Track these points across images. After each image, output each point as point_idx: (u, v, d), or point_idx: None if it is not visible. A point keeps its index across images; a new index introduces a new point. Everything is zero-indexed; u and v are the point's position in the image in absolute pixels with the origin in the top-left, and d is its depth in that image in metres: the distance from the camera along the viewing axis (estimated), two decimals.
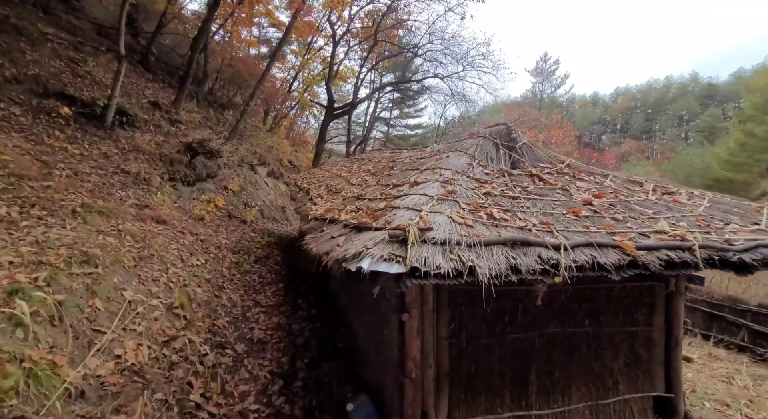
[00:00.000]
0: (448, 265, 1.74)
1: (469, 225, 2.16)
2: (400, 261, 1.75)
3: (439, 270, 1.73)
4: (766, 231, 2.50)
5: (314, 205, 4.78)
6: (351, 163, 8.45)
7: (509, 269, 1.80)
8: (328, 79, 16.22)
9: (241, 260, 7.04)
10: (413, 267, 1.70)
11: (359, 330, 4.26)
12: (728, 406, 4.33)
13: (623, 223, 2.43)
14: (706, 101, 53.82)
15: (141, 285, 4.16)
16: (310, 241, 2.84)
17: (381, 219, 2.40)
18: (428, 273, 1.71)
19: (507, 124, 4.13)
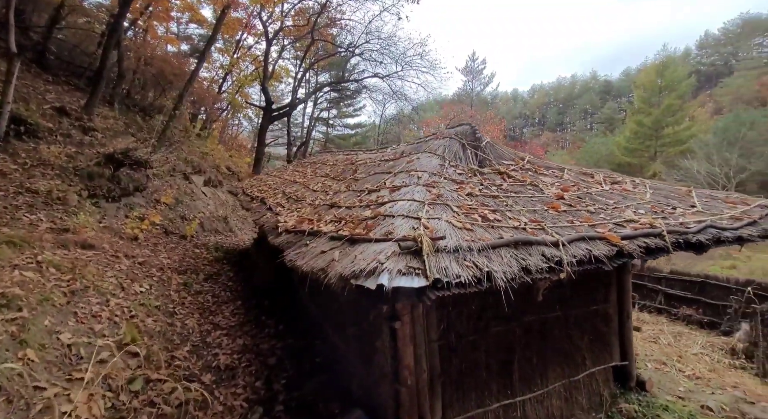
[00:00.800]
0: (466, 273, 1.73)
1: (468, 229, 2.17)
2: (419, 274, 1.69)
3: (459, 278, 1.71)
4: (704, 212, 2.89)
5: (277, 215, 4.50)
6: (303, 167, 8.14)
7: (521, 270, 1.84)
8: (264, 79, 15.43)
9: (190, 280, 6.42)
10: (435, 279, 1.65)
11: (339, 343, 4.11)
12: (665, 364, 4.97)
13: (596, 215, 2.65)
14: (604, 96, 61.28)
15: (80, 323, 3.58)
16: (296, 257, 2.65)
17: (376, 229, 2.32)
18: (450, 283, 1.68)
19: (470, 124, 4.26)
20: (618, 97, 59.28)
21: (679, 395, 4.04)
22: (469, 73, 28.59)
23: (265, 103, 15.93)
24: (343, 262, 2.12)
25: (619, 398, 3.89)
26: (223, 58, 20.35)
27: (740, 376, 4.86)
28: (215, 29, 11.31)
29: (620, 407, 3.77)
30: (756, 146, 27.60)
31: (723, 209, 2.96)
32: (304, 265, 2.46)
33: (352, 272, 1.89)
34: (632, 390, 4.05)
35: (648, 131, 34.48)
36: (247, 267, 7.81)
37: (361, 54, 16.68)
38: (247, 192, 7.39)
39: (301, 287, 5.65)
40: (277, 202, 5.34)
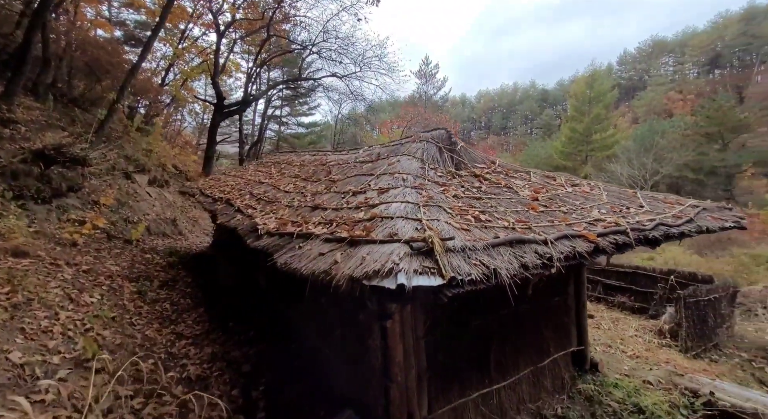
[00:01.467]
0: (476, 271, 1.86)
1: (466, 229, 2.32)
2: (435, 273, 1.79)
3: (471, 276, 1.84)
4: (651, 211, 3.33)
5: (251, 218, 4.36)
6: (265, 167, 7.89)
7: (521, 267, 2.02)
8: (214, 73, 14.61)
9: (144, 288, 5.96)
10: (451, 277, 1.76)
11: (320, 345, 4.09)
12: (610, 346, 5.58)
13: (569, 214, 2.94)
14: (542, 104, 66.20)
15: (29, 340, 3.22)
16: (291, 260, 2.62)
17: (377, 231, 2.38)
18: (463, 281, 1.80)
19: (446, 129, 4.46)
20: (554, 105, 64.33)
21: (624, 373, 4.57)
22: (422, 77, 29.43)
23: (216, 98, 15.10)
24: (350, 264, 2.15)
25: (577, 380, 4.31)
26: (166, 48, 18.97)
27: (669, 353, 5.62)
28: (162, 17, 10.52)
29: (579, 388, 4.18)
30: (666, 152, 31.50)
31: (665, 209, 3.43)
32: (302, 268, 2.45)
33: (365, 273, 1.94)
34: (587, 371, 4.50)
35: (580, 137, 37.85)
36: (205, 271, 7.41)
37: (319, 52, 16.45)
38: (207, 193, 7.01)
39: (272, 291, 5.51)
40: (246, 203, 5.15)
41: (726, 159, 30.60)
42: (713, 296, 6.30)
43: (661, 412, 3.70)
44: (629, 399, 3.90)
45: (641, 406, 3.77)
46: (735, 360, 5.68)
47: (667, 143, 31.52)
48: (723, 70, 65.03)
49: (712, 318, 6.26)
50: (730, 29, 62.63)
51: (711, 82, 61.09)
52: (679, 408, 3.86)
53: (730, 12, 65.95)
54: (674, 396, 4.02)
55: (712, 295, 6.30)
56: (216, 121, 15.25)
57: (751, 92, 47.96)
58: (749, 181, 31.85)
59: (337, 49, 16.11)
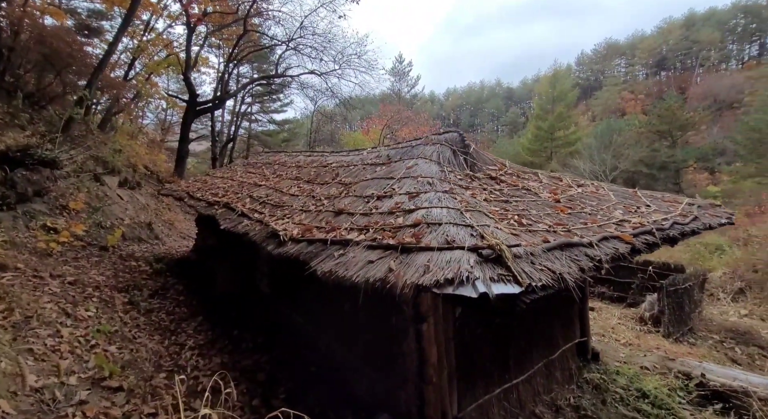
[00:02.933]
0: (545, 277, 1.95)
1: (515, 234, 2.40)
2: (510, 281, 1.86)
3: (542, 281, 1.92)
4: (660, 210, 3.59)
5: (259, 223, 4.24)
6: (255, 168, 7.66)
7: (579, 270, 2.13)
8: (186, 69, 13.90)
9: (135, 298, 5.64)
10: (527, 284, 1.83)
11: (341, 351, 4.07)
12: (603, 336, 5.94)
13: (594, 216, 3.11)
14: (508, 102, 68.48)
15: (40, 362, 2.99)
16: (337, 268, 2.59)
17: (428, 238, 2.41)
18: (536, 287, 1.88)
19: (458, 131, 4.54)
20: (519, 103, 66.71)
21: (622, 360, 4.90)
22: (396, 75, 29.55)
23: (188, 95, 14.38)
24: (411, 272, 2.18)
25: (583, 369, 4.57)
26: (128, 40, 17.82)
27: (656, 339, 6.08)
28: (132, 7, 9.89)
29: (585, 377, 4.43)
30: (623, 149, 33.63)
31: (668, 207, 3.71)
32: (353, 276, 2.44)
33: (435, 281, 1.97)
34: (590, 361, 4.78)
35: (545, 134, 39.52)
36: (196, 278, 7.10)
37: (296, 48, 16.08)
38: (197, 196, 6.72)
39: (278, 296, 5.40)
40: (250, 207, 5.00)
41: (675, 155, 33.12)
42: (689, 284, 6.89)
43: (662, 395, 4.02)
44: (632, 385, 4.20)
45: (644, 391, 4.07)
46: (709, 342, 6.25)
47: (624, 140, 33.65)
48: (668, 71, 69.99)
49: (687, 305, 6.84)
50: (674, 34, 67.58)
51: (658, 83, 65.74)
52: (675, 390, 4.21)
53: (674, 18, 71.11)
54: (670, 379, 4.38)
55: (688, 283, 6.89)
56: (188, 119, 14.54)
57: (692, 93, 52.11)
58: (693, 175, 34.72)
59: (315, 46, 15.84)
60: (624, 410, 3.82)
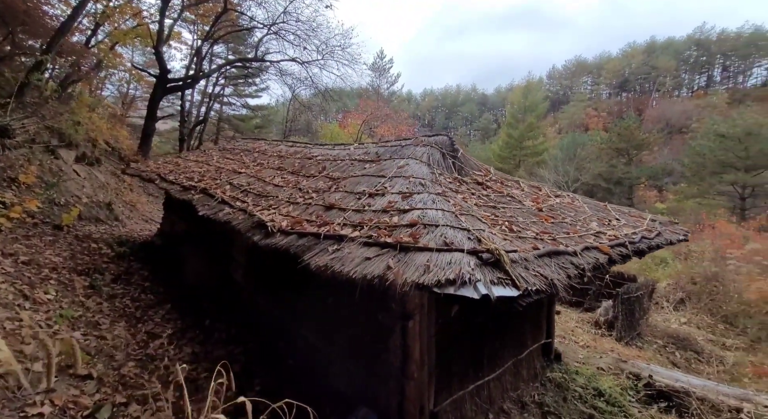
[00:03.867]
0: (539, 282, 2.08)
1: (507, 239, 2.53)
2: (509, 284, 1.97)
3: (536, 286, 2.05)
4: (628, 224, 3.89)
5: (243, 212, 4.14)
6: (233, 154, 7.41)
7: (567, 277, 2.28)
8: (157, 42, 13.09)
9: (97, 282, 5.32)
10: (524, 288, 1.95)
11: (320, 344, 4.08)
12: (564, 338, 6.32)
13: (573, 226, 3.32)
14: (481, 107, 70.25)
15: None
16: (332, 263, 2.59)
17: (425, 238, 2.48)
18: (531, 291, 2.00)
19: (447, 135, 4.64)
20: (492, 109, 68.63)
21: (581, 361, 5.26)
22: (376, 70, 29.42)
23: (159, 70, 13.56)
24: (411, 271, 2.24)
25: (546, 369, 4.86)
26: (91, 4, 16.51)
27: (610, 342, 6.58)
28: None
29: (548, 376, 4.72)
30: (585, 163, 35.61)
31: (635, 222, 4.03)
32: (351, 272, 2.47)
33: (436, 281, 2.04)
34: (552, 361, 5.09)
35: (515, 142, 40.97)
36: (163, 263, 6.80)
37: (277, 32, 15.60)
38: (169, 178, 6.41)
39: (253, 287, 5.29)
40: (231, 195, 4.87)
41: (630, 172, 35.48)
42: (640, 293, 7.50)
43: (615, 394, 4.37)
44: (590, 384, 4.53)
45: (600, 390, 4.41)
46: (654, 346, 6.83)
47: (587, 154, 35.63)
48: (629, 93, 74.67)
49: (638, 311, 7.45)
50: (636, 59, 72.22)
51: (619, 103, 70.12)
52: (627, 389, 4.59)
53: (637, 43, 75.95)
54: (622, 380, 4.76)
55: (639, 292, 7.49)
56: (157, 96, 13.74)
57: (648, 115, 56.02)
58: (644, 192, 37.47)
59: (298, 33, 15.45)
60: (582, 407, 4.12)
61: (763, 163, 26.83)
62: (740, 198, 27.94)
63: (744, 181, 27.32)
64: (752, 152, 26.75)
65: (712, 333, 7.56)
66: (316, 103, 19.87)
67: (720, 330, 7.73)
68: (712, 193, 29.49)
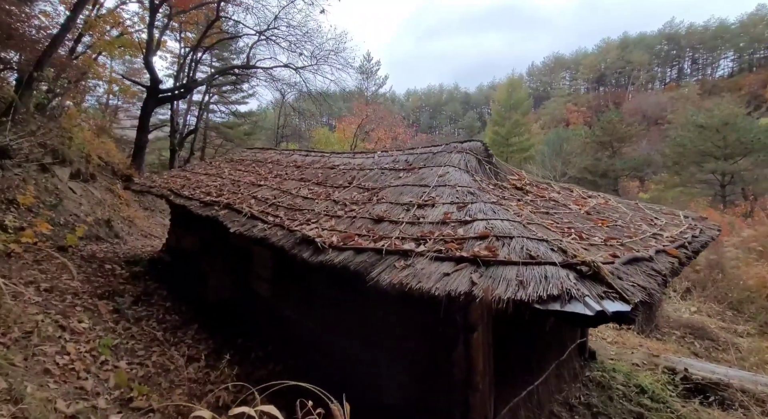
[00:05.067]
0: (639, 293, 2.08)
1: (586, 249, 2.53)
2: (616, 298, 1.96)
3: (639, 298, 2.04)
4: (669, 223, 3.95)
5: (280, 227, 4.05)
6: (245, 165, 7.26)
7: (657, 285, 2.29)
8: (147, 52, 12.73)
9: (120, 305, 5.13)
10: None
11: (365, 357, 4.01)
12: (591, 335, 6.39)
13: (627, 228, 3.36)
14: (465, 106, 70.97)
15: (63, 383, 2.64)
16: (408, 280, 2.54)
17: (504, 251, 2.46)
18: (639, 304, 2.00)
19: (481, 141, 4.64)
20: (475, 107, 69.42)
21: (614, 358, 5.34)
22: (363, 73, 29.38)
23: (150, 80, 13.18)
24: (500, 287, 2.22)
25: (584, 368, 4.91)
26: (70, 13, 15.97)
27: (635, 337, 6.71)
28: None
29: (588, 375, 4.77)
30: (571, 157, 36.38)
31: (672, 220, 4.10)
32: (432, 289, 2.43)
33: (538, 297, 2.02)
34: (587, 360, 5.14)
35: (501, 140, 41.51)
36: (178, 281, 6.59)
37: (268, 39, 15.39)
38: (183, 193, 6.22)
39: (285, 301, 5.18)
40: (260, 209, 4.76)
41: (614, 164, 36.41)
42: None
43: (658, 390, 4.45)
44: (630, 381, 4.60)
45: (642, 386, 4.48)
46: (673, 337, 7.00)
47: (572, 149, 36.40)
48: (606, 87, 76.66)
49: (654, 303, 7.60)
50: (611, 54, 74.20)
51: (597, 97, 71.97)
52: (666, 385, 4.68)
53: (611, 39, 78.08)
54: (659, 375, 4.85)
55: None
56: (149, 107, 13.35)
57: (625, 108, 57.65)
58: (627, 183, 38.52)
59: (289, 38, 15.27)
60: (630, 406, 4.18)
61: (740, 151, 27.98)
62: (721, 185, 28.99)
63: (723, 169, 28.35)
64: (729, 141, 27.83)
65: (722, 321, 7.81)
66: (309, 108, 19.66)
67: (729, 317, 7.99)
68: (693, 182, 30.54)
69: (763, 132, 27.86)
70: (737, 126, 27.70)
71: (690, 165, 30.27)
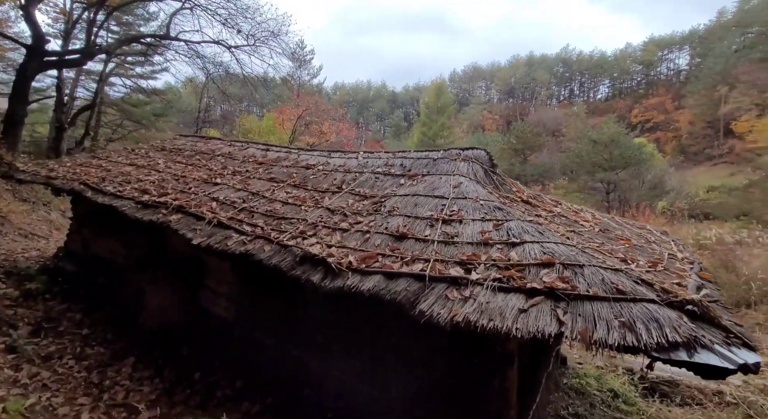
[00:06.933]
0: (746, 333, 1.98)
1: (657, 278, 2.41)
2: (739, 345, 1.82)
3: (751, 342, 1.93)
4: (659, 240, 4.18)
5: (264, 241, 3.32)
6: (183, 157, 6.02)
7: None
8: (28, 2, 9.93)
9: (16, 341, 3.76)
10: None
11: (369, 390, 3.50)
12: None
13: (650, 246, 3.40)
14: (392, 105, 72.21)
15: None
16: (475, 316, 2.12)
17: (577, 282, 2.20)
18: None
19: (485, 149, 4.39)
20: (402, 107, 71.05)
21: (580, 361, 5.62)
22: (296, 61, 27.50)
23: (32, 38, 10.32)
24: (600, 328, 1.96)
25: (561, 376, 5.05)
26: None
27: None
28: None
29: (566, 383, 4.91)
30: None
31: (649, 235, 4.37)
32: (512, 329, 2.08)
33: (657, 344, 1.79)
34: (560, 366, 5.32)
35: (429, 140, 43.08)
36: (93, 298, 5.18)
37: (191, 9, 13.33)
38: (106, 189, 4.87)
39: (254, 323, 4.35)
40: (229, 215, 3.90)
41: (525, 169, 40.45)
42: None
43: (627, 392, 4.76)
44: (603, 386, 4.85)
45: (615, 391, 4.75)
46: None
47: (493, 154, 39.43)
48: (515, 99, 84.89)
49: None
50: (519, 70, 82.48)
51: (507, 108, 79.48)
52: (630, 386, 5.05)
53: (520, 56, 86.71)
54: (621, 376, 5.23)
55: None
56: (30, 72, 10.46)
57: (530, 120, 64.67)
58: (532, 187, 43.30)
59: (220, 11, 13.42)
60: (610, 412, 4.38)
61: (621, 164, 33.24)
62: (606, 192, 34.13)
63: (608, 178, 33.39)
64: (614, 155, 32.86)
65: None
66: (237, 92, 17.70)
67: None
68: (586, 188, 35.45)
69: (636, 149, 33.56)
70: (620, 142, 32.81)
71: (584, 174, 35.03)
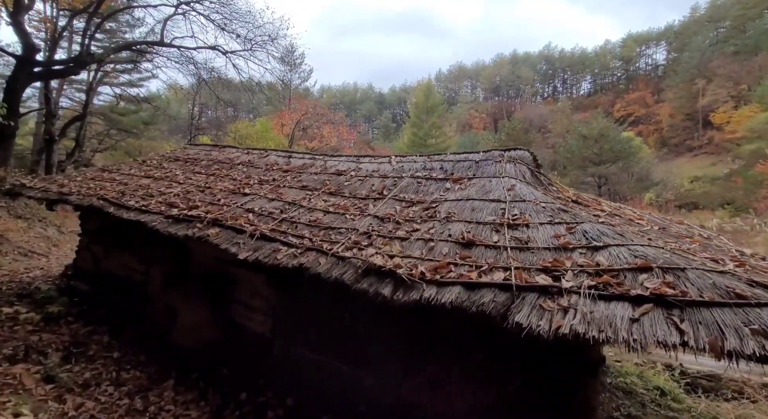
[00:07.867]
0: None
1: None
2: None
3: None
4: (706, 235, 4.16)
5: (319, 253, 3.17)
6: (200, 167, 5.79)
7: None
8: (17, 9, 9.51)
9: (50, 372, 3.52)
10: None
11: (435, 408, 3.37)
12: None
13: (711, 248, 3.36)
14: (380, 106, 72.17)
15: None
16: (582, 327, 2.02)
17: (683, 287, 2.13)
18: None
19: (528, 150, 4.31)
20: (389, 108, 71.06)
21: (617, 359, 5.59)
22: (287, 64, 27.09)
23: (22, 48, 9.87)
24: (730, 337, 1.87)
25: (603, 375, 4.99)
26: None
27: None
28: None
29: (610, 383, 4.86)
30: None
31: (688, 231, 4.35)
32: (630, 340, 1.98)
33: None
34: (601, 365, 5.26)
35: (420, 141, 43.14)
36: (117, 316, 4.92)
37: (184, 14, 13.01)
38: (128, 204, 4.63)
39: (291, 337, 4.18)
40: (270, 227, 3.73)
41: None
42: None
43: (673, 389, 4.73)
44: (648, 384, 4.82)
45: (662, 388, 4.72)
46: None
47: None
48: (501, 98, 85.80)
49: None
50: (503, 69, 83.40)
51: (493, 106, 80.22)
52: (671, 382, 5.02)
53: (504, 55, 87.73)
54: (662, 373, 5.21)
55: None
56: (20, 84, 10.01)
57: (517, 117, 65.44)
58: None
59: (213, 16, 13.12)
60: (663, 412, 4.33)
61: (611, 158, 33.83)
62: (597, 186, 34.67)
63: (600, 172, 33.93)
64: (605, 149, 33.42)
65: None
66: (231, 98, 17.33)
67: None
68: (577, 183, 35.99)
69: (625, 143, 34.19)
70: (610, 137, 33.38)
71: (575, 169, 35.56)
